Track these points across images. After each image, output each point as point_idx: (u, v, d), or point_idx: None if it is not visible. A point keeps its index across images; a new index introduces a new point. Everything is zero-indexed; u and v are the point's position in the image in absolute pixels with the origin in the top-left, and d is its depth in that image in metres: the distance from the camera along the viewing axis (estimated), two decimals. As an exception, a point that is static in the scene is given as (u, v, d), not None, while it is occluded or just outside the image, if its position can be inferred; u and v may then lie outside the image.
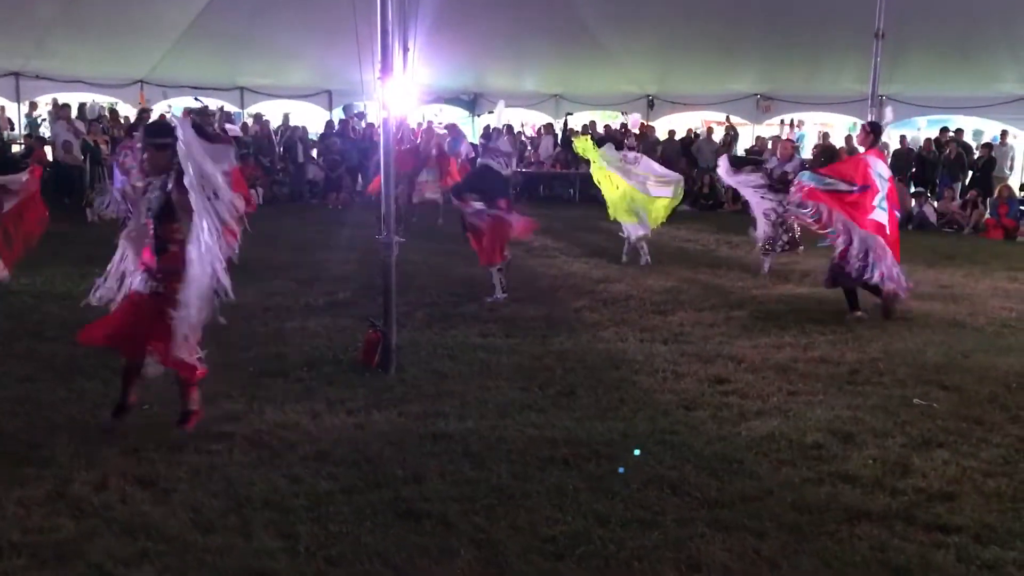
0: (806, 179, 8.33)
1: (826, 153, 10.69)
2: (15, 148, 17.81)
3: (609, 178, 11.24)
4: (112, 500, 4.24)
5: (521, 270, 10.57)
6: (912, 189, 17.41)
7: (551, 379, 6.33)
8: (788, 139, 13.60)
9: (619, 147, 12.56)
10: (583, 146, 11.54)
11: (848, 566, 3.81)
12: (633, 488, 4.50)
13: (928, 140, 18.54)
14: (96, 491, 4.33)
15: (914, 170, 18.04)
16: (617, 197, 11.16)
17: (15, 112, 19.04)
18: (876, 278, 8.03)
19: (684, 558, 3.82)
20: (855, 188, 8.00)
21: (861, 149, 8.69)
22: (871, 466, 4.86)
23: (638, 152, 11.52)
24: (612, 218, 11.45)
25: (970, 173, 17.33)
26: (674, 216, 13.37)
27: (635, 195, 11.04)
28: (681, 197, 11.56)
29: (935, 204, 16.61)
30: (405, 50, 13.76)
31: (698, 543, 3.95)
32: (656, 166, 11.69)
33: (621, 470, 4.73)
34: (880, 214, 8.08)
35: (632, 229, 11.20)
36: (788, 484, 4.59)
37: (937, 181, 17.36)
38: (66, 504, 4.19)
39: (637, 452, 4.96)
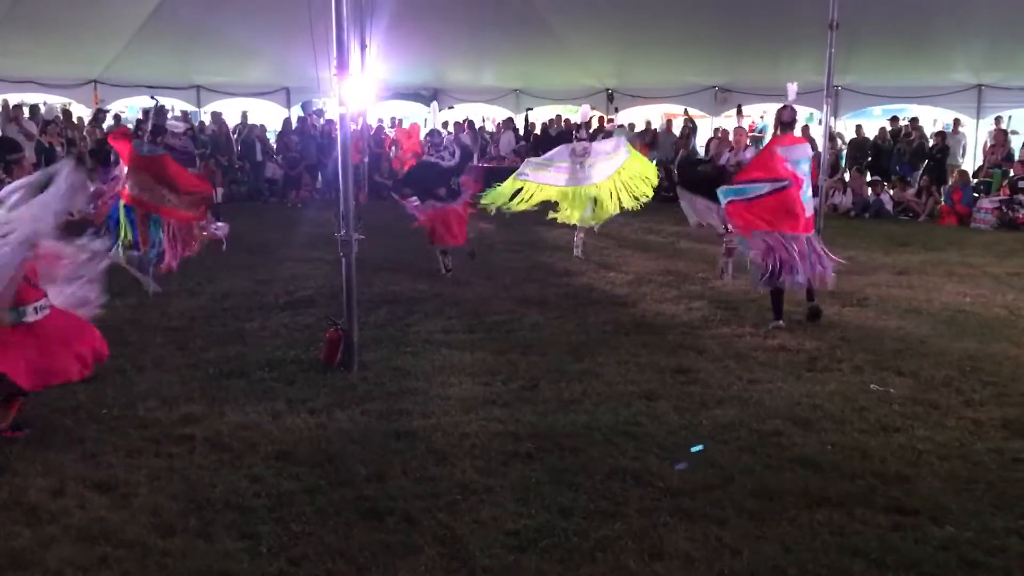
0: (724, 197, 7.78)
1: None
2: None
3: (542, 189, 10.93)
4: (70, 506, 4.18)
5: (483, 265, 10.56)
6: (868, 178, 17.64)
7: (514, 373, 6.33)
8: (740, 127, 13.63)
9: (568, 139, 12.48)
10: (492, 199, 11.06)
11: (808, 551, 3.85)
12: (596, 480, 4.52)
13: (883, 129, 18.81)
14: (53, 497, 4.27)
15: (870, 159, 18.29)
16: (574, 207, 10.96)
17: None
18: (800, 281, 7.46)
19: (647, 547, 3.85)
20: (785, 183, 7.41)
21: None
22: (830, 452, 4.93)
23: (587, 142, 11.44)
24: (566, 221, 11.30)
25: (925, 161, 17.60)
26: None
27: (590, 192, 10.94)
28: (636, 155, 11.46)
29: (891, 192, 16.84)
30: (363, 46, 13.75)
31: (661, 532, 3.98)
32: (606, 145, 11.52)
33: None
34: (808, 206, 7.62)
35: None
36: (749, 471, 4.64)
37: (897, 169, 17.60)
38: (22, 511, 4.12)
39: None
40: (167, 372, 6.28)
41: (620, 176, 11.01)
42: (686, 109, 21.10)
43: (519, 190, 10.93)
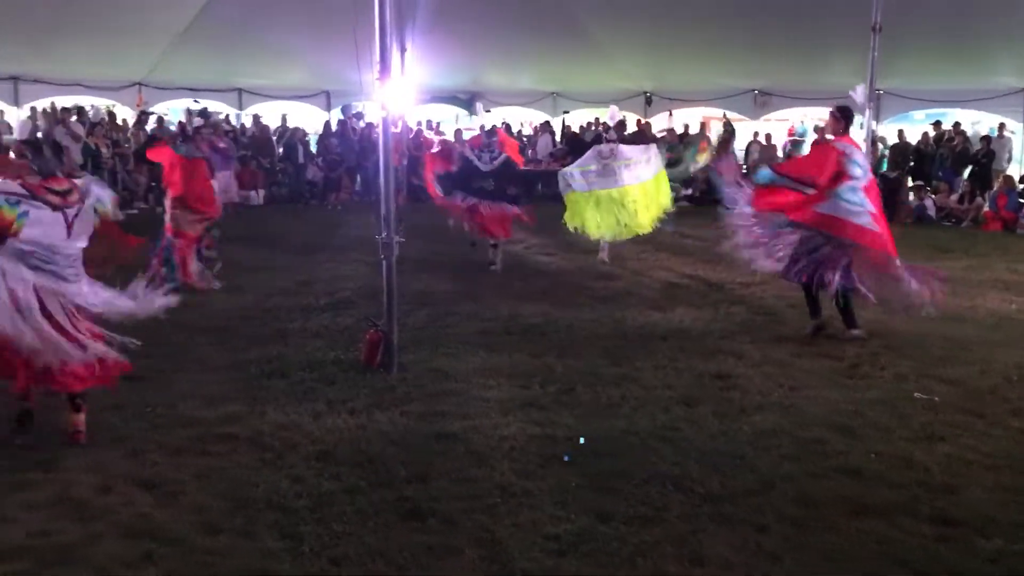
0: (761, 178, 7.52)
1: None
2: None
3: (589, 199, 10.76)
4: (115, 503, 4.25)
5: (519, 268, 10.58)
6: (910, 183, 17.41)
7: (551, 376, 6.33)
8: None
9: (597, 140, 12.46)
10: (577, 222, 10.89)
11: (851, 560, 3.81)
12: (635, 484, 4.50)
13: (925, 134, 18.55)
14: (100, 494, 4.34)
15: (912, 164, 18.05)
16: (600, 215, 10.77)
17: (14, 116, 18.99)
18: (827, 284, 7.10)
19: (687, 553, 3.83)
20: (811, 191, 7.17)
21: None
22: (873, 460, 4.87)
23: (614, 143, 11.39)
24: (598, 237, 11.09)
25: (969, 166, 17.33)
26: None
27: (612, 195, 10.84)
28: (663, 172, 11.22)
29: (933, 198, 16.60)
30: (402, 50, 13.85)
31: (701, 538, 3.96)
32: (629, 148, 11.37)
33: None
34: (847, 208, 7.12)
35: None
36: (790, 478, 4.60)
37: (939, 174, 17.35)
38: (70, 507, 4.19)
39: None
40: (209, 372, 6.37)
41: (646, 188, 10.90)
42: (724, 113, 20.95)
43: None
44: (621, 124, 20.68)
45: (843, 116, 7.41)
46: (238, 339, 7.23)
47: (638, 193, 10.87)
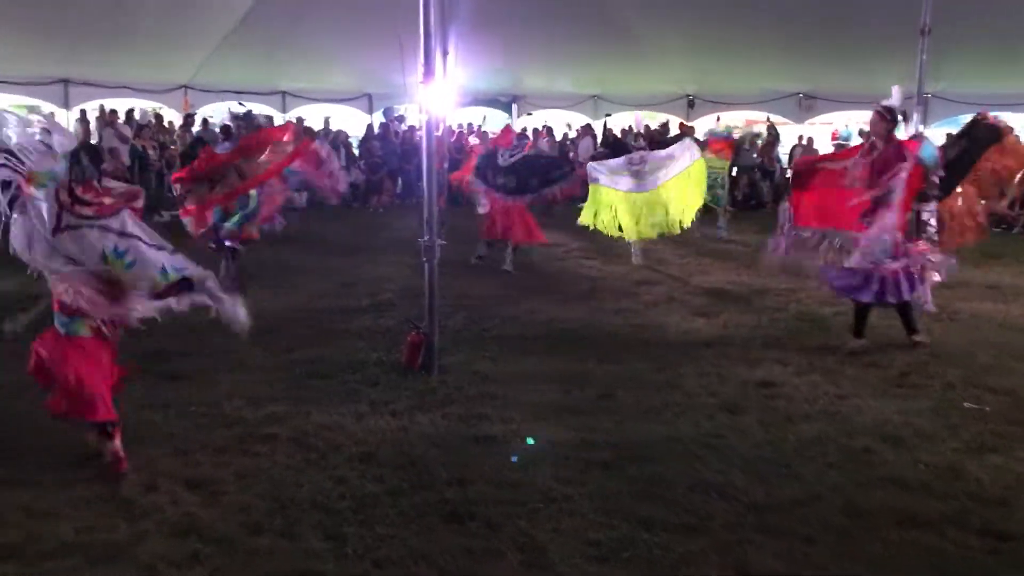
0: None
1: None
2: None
3: (621, 201, 11.04)
4: (162, 502, 4.30)
5: (560, 272, 10.57)
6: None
7: (591, 381, 6.30)
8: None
9: (625, 150, 12.49)
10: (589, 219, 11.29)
11: (898, 571, 3.74)
12: (678, 492, 4.46)
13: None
14: (146, 492, 4.39)
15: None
16: (633, 216, 10.98)
17: (64, 118, 19.37)
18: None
19: (732, 563, 3.78)
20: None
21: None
22: (922, 471, 4.77)
23: (644, 151, 11.40)
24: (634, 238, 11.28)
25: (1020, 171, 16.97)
26: (715, 216, 13.29)
27: (649, 199, 10.89)
28: (704, 173, 11.17)
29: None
30: (445, 53, 13.90)
31: (746, 548, 3.91)
32: (660, 153, 11.48)
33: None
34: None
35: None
36: (837, 488, 4.53)
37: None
38: (117, 505, 4.25)
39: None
40: (252, 372, 6.42)
41: (686, 180, 10.91)
42: (768, 116, 20.75)
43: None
44: (648, 129, 20.60)
45: (891, 116, 7.11)
46: (282, 340, 7.29)
47: (671, 190, 10.88)
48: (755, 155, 19.26)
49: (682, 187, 11.03)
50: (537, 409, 5.68)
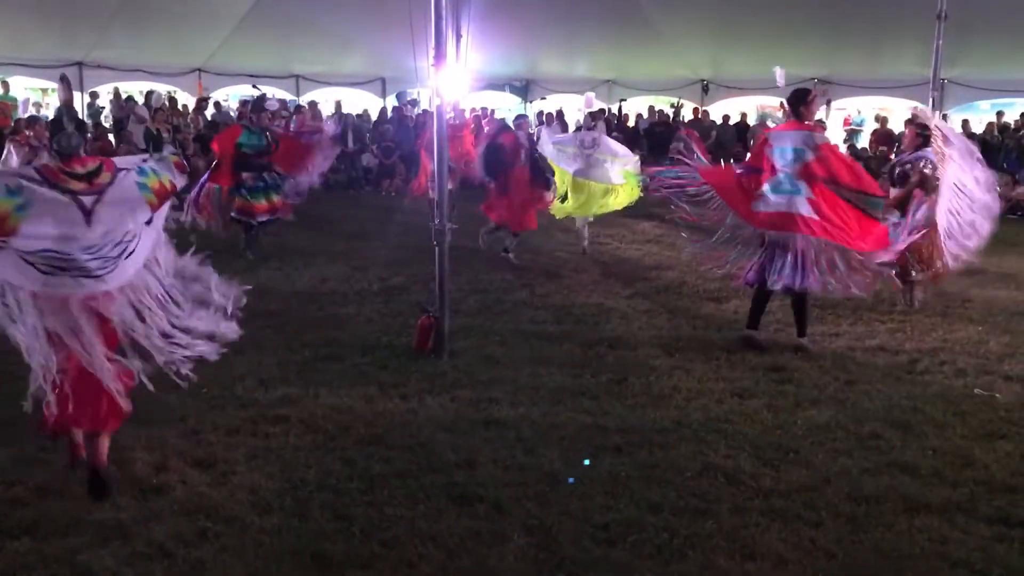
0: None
1: (884, 139, 10.07)
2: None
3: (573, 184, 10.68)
4: (172, 481, 4.34)
5: (572, 257, 10.55)
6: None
7: (602, 366, 6.31)
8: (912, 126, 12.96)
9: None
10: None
11: (906, 558, 3.74)
12: (686, 476, 4.47)
13: (990, 124, 18.07)
14: (156, 472, 4.44)
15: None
16: (583, 199, 10.68)
17: (78, 101, 19.42)
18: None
19: (738, 547, 3.79)
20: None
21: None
22: (931, 457, 4.77)
23: (596, 132, 11.06)
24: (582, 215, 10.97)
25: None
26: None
27: (594, 187, 10.58)
28: (636, 192, 10.68)
29: (998, 189, 16.16)
30: (458, 37, 13.78)
31: (753, 532, 3.92)
32: (615, 145, 11.09)
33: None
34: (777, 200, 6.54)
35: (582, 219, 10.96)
36: (845, 474, 4.53)
37: (1005, 166, 16.90)
38: (127, 484, 4.29)
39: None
40: (264, 354, 6.44)
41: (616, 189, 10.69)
42: (782, 102, 20.57)
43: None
44: (601, 112, 20.28)
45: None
46: (293, 322, 7.32)
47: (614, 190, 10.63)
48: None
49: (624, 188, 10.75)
50: (548, 393, 5.69)
